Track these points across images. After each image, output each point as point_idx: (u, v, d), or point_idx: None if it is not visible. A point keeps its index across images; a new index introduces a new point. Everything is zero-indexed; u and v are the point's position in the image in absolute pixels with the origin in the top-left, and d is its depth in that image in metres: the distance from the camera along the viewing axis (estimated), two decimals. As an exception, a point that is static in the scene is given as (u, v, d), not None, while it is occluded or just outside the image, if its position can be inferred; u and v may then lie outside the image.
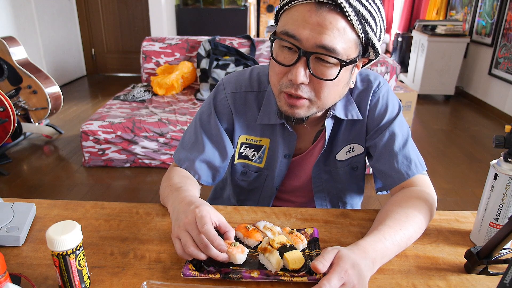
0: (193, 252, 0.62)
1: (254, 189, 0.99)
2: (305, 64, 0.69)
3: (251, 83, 0.89)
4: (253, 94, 0.89)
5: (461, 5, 4.90)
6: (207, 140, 0.89)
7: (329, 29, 0.66)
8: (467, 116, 4.14)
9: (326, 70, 0.70)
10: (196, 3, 5.23)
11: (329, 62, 0.69)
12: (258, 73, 0.90)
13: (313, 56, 0.68)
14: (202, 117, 0.91)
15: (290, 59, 0.70)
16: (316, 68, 0.70)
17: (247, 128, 0.91)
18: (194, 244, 0.62)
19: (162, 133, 2.69)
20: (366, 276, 0.60)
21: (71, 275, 0.58)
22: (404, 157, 0.83)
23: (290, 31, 0.68)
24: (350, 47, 0.68)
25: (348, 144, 0.90)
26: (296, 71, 0.69)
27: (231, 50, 3.25)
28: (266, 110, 0.87)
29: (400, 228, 0.69)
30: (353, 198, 1.00)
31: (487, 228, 0.72)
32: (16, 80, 3.01)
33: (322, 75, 0.70)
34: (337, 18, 0.66)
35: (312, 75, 0.70)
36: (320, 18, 0.65)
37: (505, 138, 0.65)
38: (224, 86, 0.90)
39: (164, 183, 0.86)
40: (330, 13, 0.65)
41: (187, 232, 0.63)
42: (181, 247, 0.63)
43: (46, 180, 2.63)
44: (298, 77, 0.69)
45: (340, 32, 0.66)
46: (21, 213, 0.76)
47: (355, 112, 0.86)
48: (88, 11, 5.14)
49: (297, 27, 0.67)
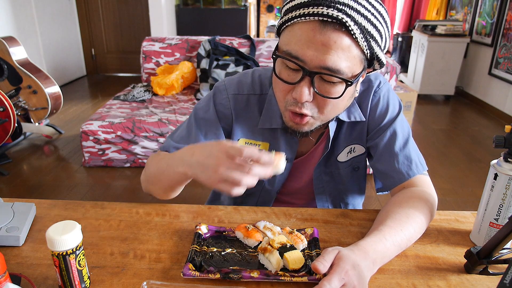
0: (249, 181, 0.60)
1: (252, 193, 0.97)
2: (309, 83, 0.68)
3: (253, 85, 0.88)
4: (255, 97, 0.88)
5: (461, 5, 4.90)
6: (201, 136, 0.87)
7: (334, 48, 0.64)
8: (467, 116, 4.13)
9: (331, 88, 0.68)
10: (196, 3, 5.23)
11: (333, 82, 0.68)
12: (260, 75, 0.89)
13: (317, 76, 0.67)
14: (198, 113, 0.89)
15: (293, 77, 0.69)
16: (320, 86, 0.69)
17: (247, 131, 0.89)
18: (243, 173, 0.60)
19: (162, 133, 2.69)
20: (367, 276, 0.60)
21: (71, 275, 0.58)
22: (404, 157, 0.83)
23: (293, 52, 0.66)
24: (355, 64, 0.67)
25: (349, 145, 0.90)
26: (300, 90, 0.68)
27: (231, 50, 3.25)
28: (267, 114, 0.86)
29: (401, 228, 0.69)
30: (354, 198, 1.00)
31: (487, 228, 0.72)
32: (16, 80, 3.00)
33: (327, 94, 0.69)
34: (342, 37, 0.63)
35: (316, 94, 0.69)
36: (324, 38, 0.63)
37: (505, 138, 0.65)
38: (226, 86, 0.88)
39: (150, 167, 0.83)
40: (335, 32, 0.63)
41: (227, 168, 0.60)
42: (232, 186, 0.60)
43: (46, 180, 2.63)
44: (302, 96, 0.68)
45: (344, 51, 0.64)
46: (21, 213, 0.76)
47: (357, 114, 0.85)
48: (88, 11, 5.15)
49: (301, 48, 0.65)
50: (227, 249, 0.70)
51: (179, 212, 0.83)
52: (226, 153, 0.61)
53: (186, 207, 0.85)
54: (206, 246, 0.70)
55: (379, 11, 0.67)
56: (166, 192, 0.84)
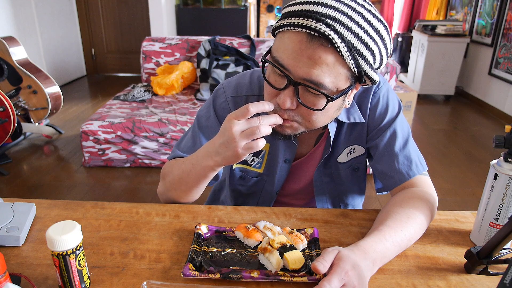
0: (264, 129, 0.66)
1: (252, 193, 0.98)
2: (293, 92, 0.68)
3: (251, 86, 0.88)
4: (254, 98, 0.88)
5: (461, 5, 4.90)
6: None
7: (318, 64, 0.63)
8: (467, 116, 4.14)
9: (314, 100, 0.68)
10: (196, 3, 5.22)
11: (317, 94, 0.67)
12: (258, 76, 0.89)
13: (301, 86, 0.67)
14: (200, 121, 0.90)
15: (280, 83, 0.69)
16: (304, 96, 0.68)
17: None
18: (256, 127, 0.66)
19: (162, 133, 2.69)
20: (366, 276, 0.60)
21: (71, 275, 0.58)
22: (404, 157, 0.83)
23: (280, 60, 0.67)
24: (340, 80, 0.66)
25: (349, 145, 0.89)
26: (284, 98, 0.68)
27: (231, 50, 3.25)
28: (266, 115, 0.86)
29: (401, 228, 0.69)
30: (354, 199, 1.00)
31: (487, 228, 0.72)
32: (16, 80, 3.00)
33: (309, 104, 0.69)
34: (327, 53, 0.62)
35: (299, 103, 0.69)
36: (309, 52, 0.63)
37: (505, 138, 0.65)
38: (224, 90, 0.89)
39: (173, 173, 0.84)
40: (321, 47, 0.62)
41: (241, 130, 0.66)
42: (255, 143, 0.66)
43: (46, 180, 2.63)
44: (284, 104, 0.68)
45: (329, 67, 0.64)
46: (21, 213, 0.76)
47: (357, 115, 0.85)
48: (88, 11, 5.14)
49: (287, 57, 0.65)
50: (227, 249, 0.70)
51: (179, 212, 0.83)
52: (236, 118, 0.66)
53: (186, 207, 0.85)
54: (206, 246, 0.70)
55: (376, 29, 0.65)
56: (192, 193, 0.84)
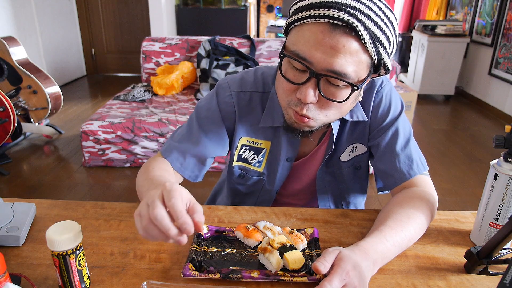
0: (153, 232, 0.53)
1: (250, 193, 0.97)
2: (315, 85, 0.67)
3: (256, 83, 0.87)
4: (258, 94, 0.87)
5: (461, 5, 4.90)
6: (203, 134, 0.86)
7: (342, 52, 0.63)
8: (467, 116, 4.13)
9: (336, 91, 0.68)
10: (196, 3, 5.22)
11: (339, 85, 0.67)
12: (263, 73, 0.88)
13: (323, 78, 0.67)
14: (199, 112, 0.88)
15: (299, 77, 0.68)
16: (326, 89, 0.68)
17: (249, 130, 0.89)
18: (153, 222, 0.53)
19: (162, 133, 2.69)
20: (367, 277, 0.60)
21: (71, 275, 0.58)
22: (406, 156, 0.82)
23: (301, 53, 0.66)
24: (361, 69, 0.66)
25: (351, 144, 0.89)
26: (305, 91, 0.67)
27: (231, 50, 3.25)
28: (269, 113, 0.86)
29: (402, 229, 0.69)
30: (356, 198, 1.00)
31: (487, 228, 0.72)
32: (16, 80, 3.00)
33: (332, 96, 0.68)
34: (351, 41, 0.63)
35: (321, 96, 0.68)
36: (333, 41, 0.62)
37: (505, 138, 0.65)
38: (229, 84, 0.87)
39: (141, 176, 0.80)
40: (344, 36, 0.62)
41: (148, 205, 0.55)
42: (140, 225, 0.55)
43: (46, 180, 2.63)
44: (307, 97, 0.67)
45: (352, 55, 0.64)
46: (21, 213, 0.76)
47: (360, 113, 0.85)
48: (88, 11, 5.14)
49: (309, 49, 0.64)
50: (227, 249, 0.70)
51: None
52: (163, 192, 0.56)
53: (186, 207, 0.84)
54: (206, 246, 0.70)
55: (389, 17, 0.66)
56: None
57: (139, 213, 0.56)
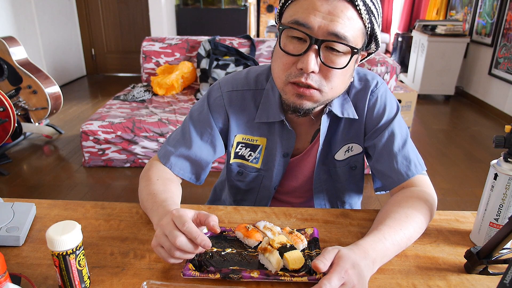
0: (181, 256, 0.61)
1: (250, 189, 0.98)
2: (316, 52, 0.69)
3: (247, 81, 0.89)
4: (250, 92, 0.88)
5: (461, 5, 4.90)
6: (196, 136, 0.88)
7: (340, 17, 0.67)
8: (467, 116, 4.13)
9: (336, 58, 0.70)
10: (196, 3, 5.23)
11: (339, 51, 0.69)
12: (255, 71, 0.90)
13: (323, 45, 0.69)
14: (193, 115, 0.90)
15: (299, 48, 0.70)
16: (326, 57, 0.70)
17: (243, 127, 0.90)
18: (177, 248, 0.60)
19: (162, 133, 2.69)
20: (366, 276, 0.60)
21: (71, 275, 0.58)
22: (403, 157, 0.83)
23: (300, 20, 0.68)
24: (358, 35, 0.70)
25: (346, 143, 0.90)
26: (307, 59, 0.68)
27: (231, 50, 3.25)
28: (264, 108, 0.87)
29: (400, 228, 0.69)
30: (352, 197, 1.00)
31: (487, 228, 0.72)
32: (16, 80, 3.00)
33: (332, 64, 0.70)
34: (348, 7, 0.67)
35: (322, 64, 0.70)
36: (331, 7, 0.66)
37: (505, 138, 0.65)
38: (220, 85, 0.90)
39: (144, 187, 0.81)
40: (341, 2, 0.67)
41: (166, 236, 0.60)
42: (167, 254, 0.61)
43: (46, 180, 2.63)
44: (309, 65, 0.68)
45: (350, 21, 0.68)
46: (21, 213, 0.76)
47: (351, 111, 0.85)
48: (88, 11, 5.14)
49: (308, 15, 0.67)
50: (227, 249, 0.70)
51: (179, 212, 0.83)
52: (173, 219, 0.61)
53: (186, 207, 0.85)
54: (206, 246, 0.70)
55: None
56: None
57: (159, 245, 0.61)
